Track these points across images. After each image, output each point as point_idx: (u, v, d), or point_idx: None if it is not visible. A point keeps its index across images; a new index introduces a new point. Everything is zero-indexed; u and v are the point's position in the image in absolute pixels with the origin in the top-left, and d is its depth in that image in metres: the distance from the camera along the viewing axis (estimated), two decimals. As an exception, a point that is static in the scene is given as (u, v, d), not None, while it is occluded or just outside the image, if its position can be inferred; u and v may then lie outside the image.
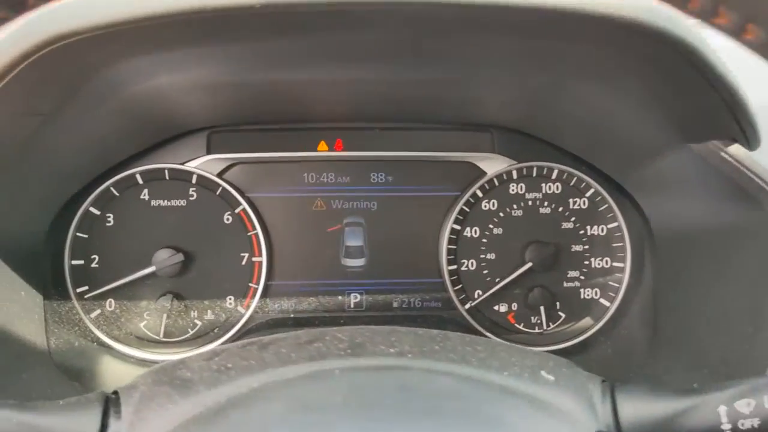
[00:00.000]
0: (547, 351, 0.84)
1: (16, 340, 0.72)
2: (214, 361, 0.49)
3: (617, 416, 0.49)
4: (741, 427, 0.52)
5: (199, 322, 0.88)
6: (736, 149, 0.69)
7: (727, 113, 0.63)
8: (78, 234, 0.86)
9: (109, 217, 0.87)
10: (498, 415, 0.42)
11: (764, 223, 0.67)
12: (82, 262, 0.87)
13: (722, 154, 0.69)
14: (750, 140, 0.66)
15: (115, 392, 0.50)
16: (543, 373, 0.53)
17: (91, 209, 0.87)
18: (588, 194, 0.90)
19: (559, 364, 0.56)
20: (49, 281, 0.84)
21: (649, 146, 0.76)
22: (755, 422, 0.52)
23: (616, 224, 0.90)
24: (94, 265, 0.87)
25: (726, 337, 0.69)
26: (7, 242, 0.75)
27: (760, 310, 0.66)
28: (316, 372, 0.45)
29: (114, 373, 0.84)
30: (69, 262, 0.86)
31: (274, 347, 0.51)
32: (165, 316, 0.87)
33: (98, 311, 0.87)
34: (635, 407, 0.49)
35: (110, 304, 0.87)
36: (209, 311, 0.88)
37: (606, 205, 0.90)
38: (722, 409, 0.54)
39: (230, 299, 0.89)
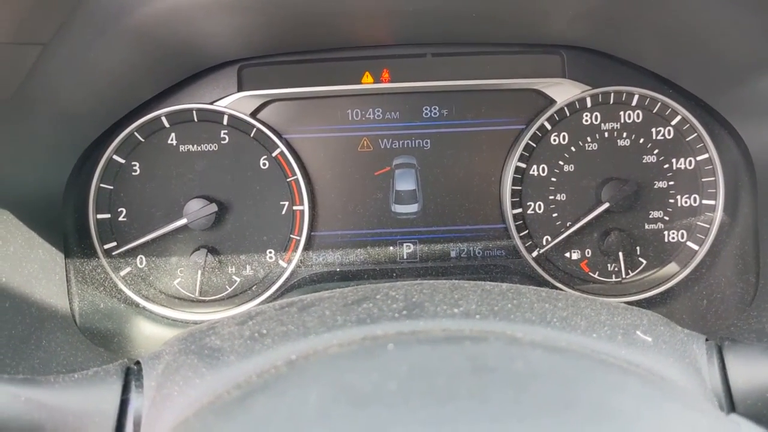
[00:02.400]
0: (627, 302, 0.75)
1: (35, 303, 0.67)
2: (247, 325, 0.44)
3: (728, 380, 0.44)
4: None
5: (236, 279, 0.82)
6: None
7: None
8: (102, 185, 0.81)
9: (135, 165, 0.81)
10: (602, 401, 0.34)
11: None
12: (108, 215, 0.81)
13: None
14: None
15: (138, 363, 0.46)
16: (639, 333, 0.47)
17: (115, 157, 0.81)
18: (674, 122, 0.81)
19: (654, 321, 0.50)
20: (71, 238, 0.79)
21: (749, 61, 0.69)
22: None
23: (706, 156, 0.81)
24: (121, 218, 0.82)
25: None
26: (23, 197, 0.69)
27: None
28: (366, 348, 0.37)
29: (144, 336, 0.80)
30: (94, 216, 0.81)
31: (317, 309, 0.45)
32: (200, 272, 0.81)
33: (128, 269, 0.81)
34: (748, 369, 0.44)
35: (140, 260, 0.82)
36: (247, 266, 0.82)
37: (695, 134, 0.81)
38: None
39: (270, 253, 0.82)
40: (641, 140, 0.82)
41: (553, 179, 0.83)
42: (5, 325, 0.61)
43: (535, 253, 0.83)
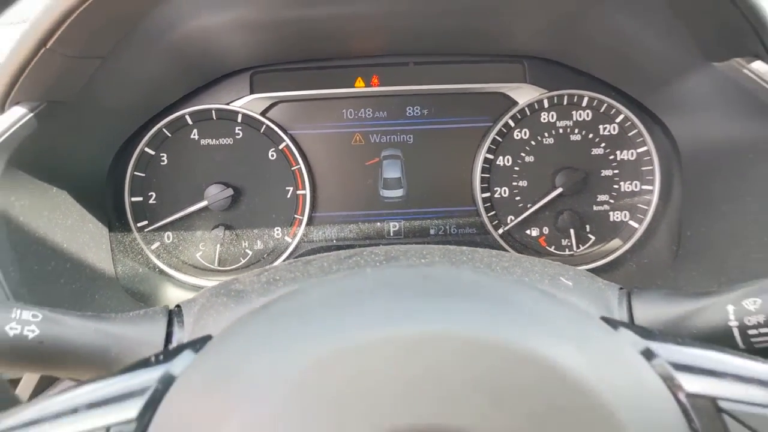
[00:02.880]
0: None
1: (88, 266, 0.79)
2: (264, 275, 0.54)
3: (632, 318, 0.52)
4: (747, 323, 0.56)
5: (249, 251, 0.94)
6: (759, 65, 0.71)
7: (749, 31, 0.65)
8: (136, 173, 0.93)
9: (163, 156, 0.93)
10: (509, 297, 0.45)
11: None
12: (140, 198, 0.93)
13: (744, 70, 0.71)
14: (774, 57, 0.68)
15: (178, 306, 0.55)
16: (562, 279, 0.55)
17: (146, 149, 0.92)
18: (618, 120, 0.93)
19: (579, 273, 0.58)
20: (112, 216, 0.90)
21: (674, 67, 0.78)
22: (760, 318, 0.56)
23: (645, 148, 0.93)
24: (151, 201, 0.93)
25: (745, 248, 0.72)
26: (74, 180, 0.81)
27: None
28: (352, 273, 0.50)
29: (174, 297, 0.91)
30: (129, 199, 0.93)
31: (318, 262, 0.56)
32: (218, 246, 0.93)
33: (157, 243, 0.94)
34: (649, 310, 0.52)
35: (168, 236, 0.94)
36: (258, 241, 0.94)
37: (635, 130, 0.93)
38: (730, 308, 0.59)
39: (277, 230, 0.95)
40: (590, 135, 0.94)
41: (516, 168, 0.95)
42: (68, 282, 0.74)
43: (500, 231, 0.95)
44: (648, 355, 0.42)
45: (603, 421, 0.36)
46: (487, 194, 0.95)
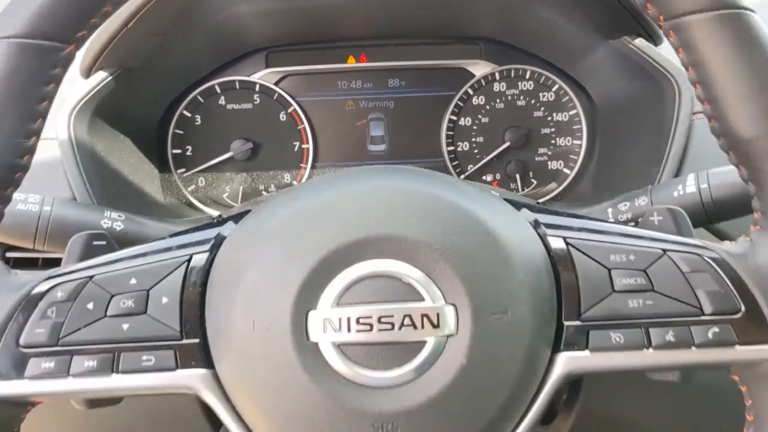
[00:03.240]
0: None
1: (145, 195, 1.02)
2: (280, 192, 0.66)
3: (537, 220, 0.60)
4: (619, 219, 0.80)
5: (264, 192, 1.16)
6: (640, 42, 0.95)
7: (630, 16, 0.91)
8: (175, 131, 1.14)
9: (197, 117, 1.14)
10: (446, 178, 0.57)
11: (659, 94, 0.94)
12: (179, 151, 1.14)
13: (630, 46, 0.95)
14: (653, 37, 0.94)
15: (220, 215, 0.68)
16: (492, 191, 0.70)
17: (184, 112, 1.13)
18: (554, 89, 1.15)
19: (506, 193, 0.69)
20: (159, 164, 1.13)
21: (585, 45, 1.02)
22: (628, 215, 0.80)
23: (575, 111, 1.15)
24: (188, 153, 1.15)
25: (633, 176, 0.97)
26: (135, 131, 1.04)
27: (654, 154, 0.94)
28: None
29: None
30: (171, 151, 1.14)
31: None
32: (241, 188, 1.15)
33: (193, 186, 1.16)
34: (552, 216, 0.61)
35: (201, 181, 1.15)
36: (272, 183, 1.15)
37: (567, 97, 1.15)
38: (609, 210, 0.83)
39: (287, 175, 1.16)
40: (532, 101, 1.15)
41: (474, 127, 1.16)
42: (132, 205, 0.98)
43: (462, 177, 1.16)
44: (533, 221, 0.55)
45: (494, 244, 0.50)
46: (452, 148, 1.16)
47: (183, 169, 1.17)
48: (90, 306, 0.51)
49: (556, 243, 0.53)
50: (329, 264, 0.49)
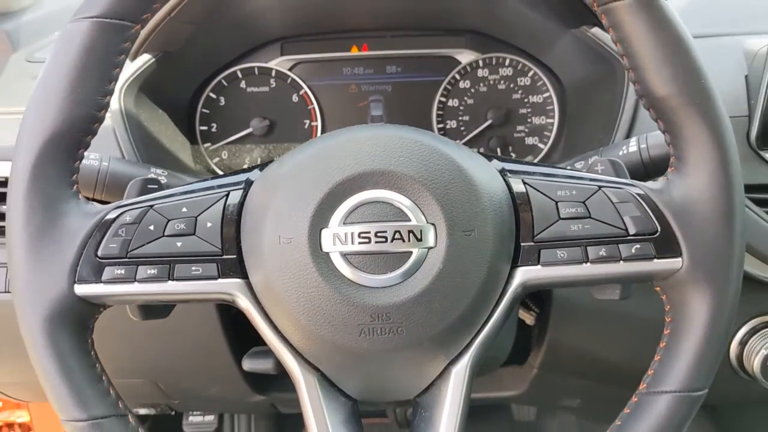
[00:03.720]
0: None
1: (180, 162, 1.16)
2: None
3: (504, 168, 0.68)
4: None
5: None
6: (596, 31, 1.11)
7: (586, 8, 1.08)
8: (203, 110, 1.23)
9: (221, 99, 1.24)
10: (434, 136, 0.65)
11: (613, 74, 1.11)
12: (206, 127, 1.24)
13: (588, 34, 1.12)
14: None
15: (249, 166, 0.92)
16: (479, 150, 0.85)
17: (210, 94, 1.23)
18: (529, 74, 1.27)
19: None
20: (189, 138, 1.27)
21: (552, 34, 1.13)
22: (583, 171, 0.96)
23: (548, 94, 1.26)
24: (213, 130, 1.24)
25: (592, 143, 1.15)
26: (171, 108, 1.19)
27: (608, 122, 1.12)
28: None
29: None
30: (198, 128, 1.24)
31: None
32: (259, 159, 1.29)
33: (217, 158, 1.28)
34: (515, 164, 0.69)
35: (224, 154, 1.28)
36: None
37: (541, 81, 1.27)
38: (567, 168, 0.99)
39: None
40: (511, 85, 1.27)
41: (461, 108, 1.27)
42: (169, 168, 1.16)
43: None
44: (500, 168, 0.65)
45: (465, 178, 0.60)
46: (441, 125, 1.25)
47: (209, 143, 1.26)
48: (151, 228, 0.62)
49: (516, 182, 0.64)
50: (337, 192, 0.60)
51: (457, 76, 1.27)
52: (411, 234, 0.60)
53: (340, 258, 0.60)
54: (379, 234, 0.60)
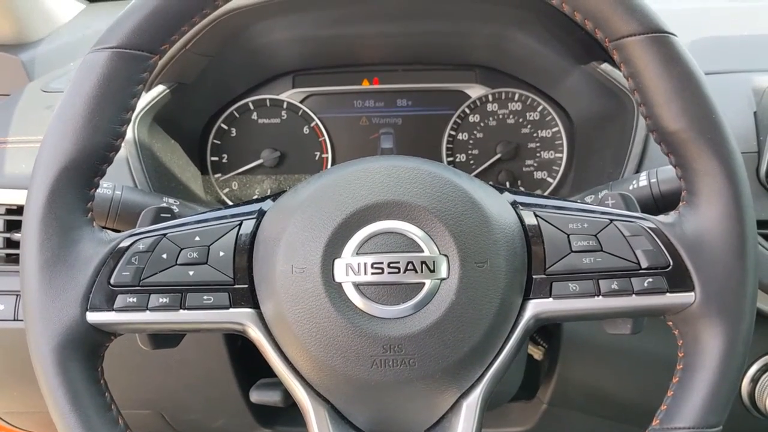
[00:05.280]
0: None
1: (191, 193, 1.17)
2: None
3: (515, 200, 0.67)
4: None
5: None
6: (606, 66, 1.11)
7: (596, 44, 1.09)
8: (214, 141, 1.24)
9: (233, 130, 1.24)
10: (448, 168, 0.65)
11: (622, 109, 1.11)
12: (217, 158, 1.25)
13: (599, 70, 1.13)
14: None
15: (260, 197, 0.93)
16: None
17: (222, 125, 1.24)
18: (539, 109, 1.27)
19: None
20: (200, 167, 1.28)
21: (563, 70, 1.12)
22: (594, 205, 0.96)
23: (557, 128, 1.25)
24: (224, 160, 1.25)
25: (601, 178, 1.15)
26: (183, 138, 1.20)
27: (617, 157, 1.12)
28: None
29: None
30: (209, 158, 1.25)
31: None
32: (269, 190, 1.28)
33: (227, 189, 1.25)
34: (527, 197, 0.69)
35: (234, 185, 1.28)
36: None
37: (550, 116, 1.27)
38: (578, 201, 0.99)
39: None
40: (520, 120, 1.27)
41: (471, 141, 1.28)
42: (180, 198, 1.17)
43: None
44: (512, 201, 0.65)
45: (478, 210, 0.61)
46: (451, 158, 1.25)
47: (219, 174, 1.26)
48: (164, 256, 0.62)
49: (528, 215, 0.64)
50: (351, 222, 0.60)
51: (467, 110, 1.27)
52: (424, 265, 0.59)
53: (353, 288, 0.60)
54: (392, 265, 0.60)
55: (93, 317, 0.61)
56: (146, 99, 1.05)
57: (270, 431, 1.23)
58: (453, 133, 1.27)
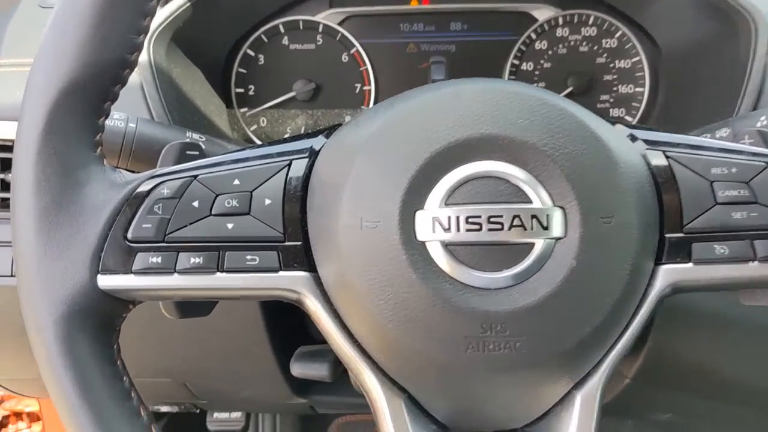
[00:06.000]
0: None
1: (216, 126, 1.05)
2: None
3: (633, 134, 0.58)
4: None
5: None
6: None
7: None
8: (239, 69, 1.16)
9: (261, 57, 1.16)
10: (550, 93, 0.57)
11: (733, 34, 0.94)
12: (242, 90, 1.17)
13: None
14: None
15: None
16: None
17: (248, 51, 1.16)
18: (617, 35, 1.15)
19: None
20: (224, 100, 1.16)
21: None
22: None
23: (638, 58, 1.15)
24: (251, 93, 1.17)
25: (696, 117, 0.97)
26: (205, 65, 1.07)
27: (726, 94, 0.94)
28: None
29: None
30: (234, 90, 1.17)
31: None
32: (303, 128, 1.18)
33: (255, 126, 1.19)
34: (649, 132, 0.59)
35: (263, 120, 1.18)
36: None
37: (630, 43, 1.15)
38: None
39: (348, 117, 1.18)
40: (595, 47, 1.15)
41: (537, 72, 1.16)
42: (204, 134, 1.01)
43: None
44: (629, 135, 0.56)
45: (601, 148, 0.50)
46: None
47: (246, 108, 1.19)
48: (195, 204, 0.52)
49: (656, 156, 0.53)
50: (436, 164, 0.49)
51: (533, 36, 1.17)
52: (534, 219, 0.48)
53: (441, 249, 0.49)
54: (492, 219, 0.48)
55: (106, 281, 0.51)
56: (163, 14, 0.93)
57: (306, 401, 1.10)
58: (516, 62, 1.18)
